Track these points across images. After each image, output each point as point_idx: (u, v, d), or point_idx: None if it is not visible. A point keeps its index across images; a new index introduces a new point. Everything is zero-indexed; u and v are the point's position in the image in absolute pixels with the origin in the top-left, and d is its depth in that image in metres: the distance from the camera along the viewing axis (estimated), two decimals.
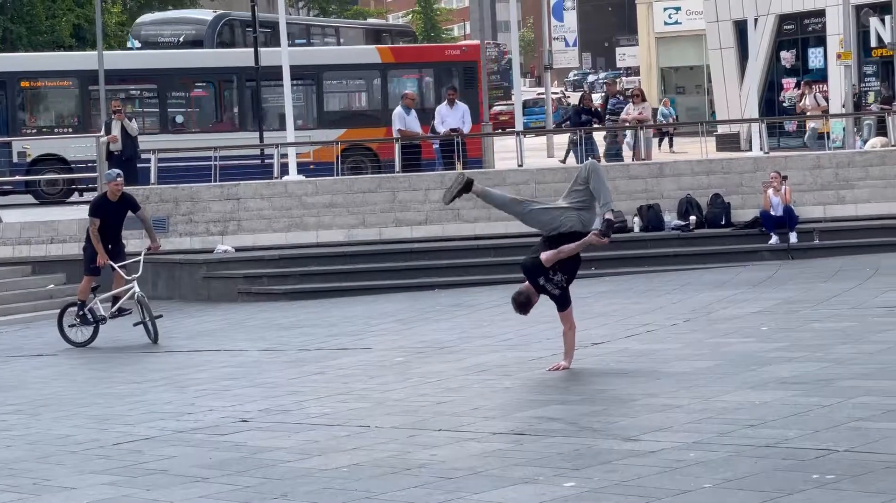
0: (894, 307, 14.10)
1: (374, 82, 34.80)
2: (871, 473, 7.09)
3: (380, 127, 32.78)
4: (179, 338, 17.85)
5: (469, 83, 33.85)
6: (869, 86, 39.72)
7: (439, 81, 34.95)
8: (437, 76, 35.08)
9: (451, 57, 35.31)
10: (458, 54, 35.31)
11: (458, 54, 35.35)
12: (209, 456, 8.97)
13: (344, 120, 34.57)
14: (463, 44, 38.97)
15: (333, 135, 32.03)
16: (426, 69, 35.22)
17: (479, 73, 34.84)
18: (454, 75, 34.40)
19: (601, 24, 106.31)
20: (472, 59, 35.01)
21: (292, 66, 28.24)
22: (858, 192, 24.55)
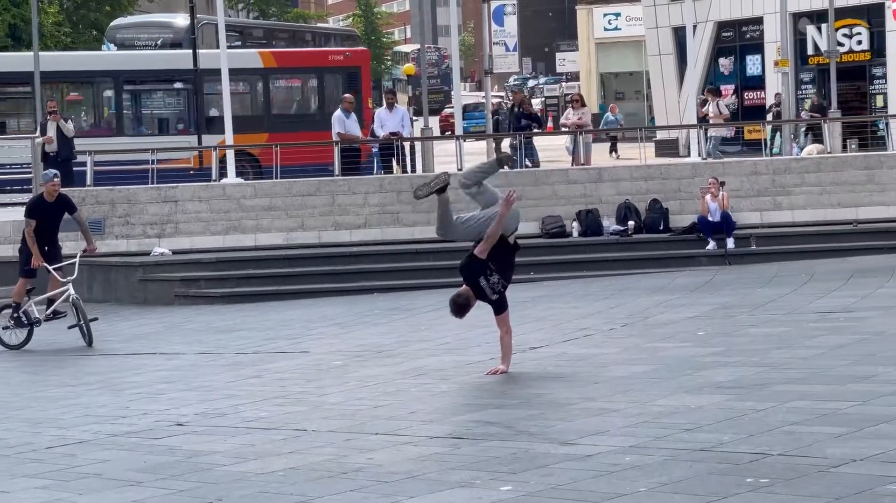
0: (828, 313, 14.23)
1: (257, 87, 34.09)
2: (805, 477, 7.14)
3: (262, 132, 32.15)
4: (115, 341, 17.71)
5: (353, 89, 33.46)
6: (805, 93, 40.10)
7: (323, 86, 34.57)
8: (320, 81, 34.58)
9: (336, 62, 34.70)
10: (343, 59, 34.68)
11: (342, 59, 34.72)
12: (143, 460, 8.90)
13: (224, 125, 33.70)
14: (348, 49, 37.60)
15: (215, 140, 30.61)
16: (309, 74, 34.67)
17: (364, 79, 34.25)
18: (338, 81, 34.02)
19: (541, 29, 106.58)
20: (357, 65, 34.44)
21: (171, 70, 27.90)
22: (795, 199, 24.78)
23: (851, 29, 38.50)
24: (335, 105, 33.67)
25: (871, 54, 38.76)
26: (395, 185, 25.49)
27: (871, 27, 38.58)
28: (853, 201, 24.62)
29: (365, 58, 35.63)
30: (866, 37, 38.58)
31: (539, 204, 24.80)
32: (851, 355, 11.18)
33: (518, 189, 24.63)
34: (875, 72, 38.58)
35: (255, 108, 34.12)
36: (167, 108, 34.03)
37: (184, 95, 33.50)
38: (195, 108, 33.20)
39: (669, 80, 43.83)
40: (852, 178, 24.85)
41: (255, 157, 31.28)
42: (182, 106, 33.50)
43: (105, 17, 55.41)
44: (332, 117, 28.34)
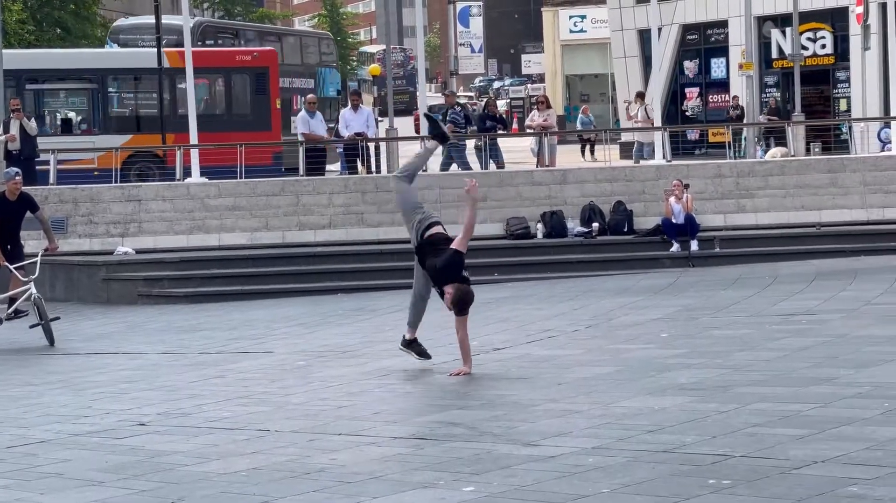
0: (791, 315, 14.30)
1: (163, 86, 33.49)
2: (767, 478, 7.17)
3: (168, 133, 31.75)
4: (77, 341, 17.62)
5: (261, 90, 33.15)
6: (769, 96, 40.30)
7: (231, 87, 34.26)
8: (227, 81, 34.22)
9: (243, 63, 34.28)
10: (250, 60, 34.24)
11: (249, 60, 34.28)
12: (105, 459, 8.85)
13: (130, 125, 33.37)
14: (255, 49, 36.78)
15: (119, 140, 30.67)
16: (216, 74, 34.24)
17: (272, 80, 33.74)
18: (246, 81, 33.70)
19: (507, 30, 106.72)
20: (265, 66, 34.01)
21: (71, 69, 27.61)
22: (758, 202, 24.89)
23: (816, 33, 38.72)
24: (243, 105, 33.53)
25: (834, 58, 39.00)
26: (359, 185, 25.47)
27: (835, 31, 38.81)
28: (816, 204, 24.77)
29: (273, 58, 34.92)
30: (830, 41, 38.82)
31: (503, 205, 24.83)
32: (814, 357, 11.24)
33: (483, 190, 24.77)
34: (839, 75, 38.83)
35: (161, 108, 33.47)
36: (71, 108, 33.74)
37: (88, 95, 33.18)
38: (100, 108, 32.91)
39: (634, 82, 43.96)
40: (815, 181, 24.99)
41: (161, 157, 30.90)
42: (86, 106, 33.15)
43: (69, 15, 55.10)
44: (297, 117, 28.30)
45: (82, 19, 55.49)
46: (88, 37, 55.43)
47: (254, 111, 33.06)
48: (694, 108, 43.08)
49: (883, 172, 25.13)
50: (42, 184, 25.56)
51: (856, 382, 9.89)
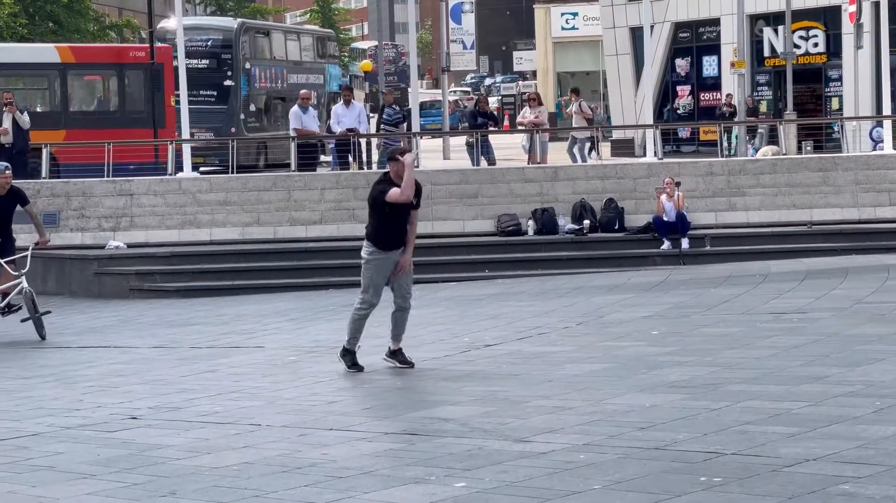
0: (782, 313, 14.32)
1: (54, 82, 32.88)
2: (758, 476, 7.19)
3: (59, 129, 31.16)
4: (69, 334, 17.61)
5: (155, 86, 32.89)
6: (761, 94, 40.34)
7: (124, 83, 33.83)
8: (121, 78, 33.79)
9: (137, 59, 33.79)
10: (145, 56, 33.67)
11: (144, 56, 33.73)
12: (97, 452, 8.85)
13: None
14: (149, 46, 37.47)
15: None
16: (109, 70, 33.76)
17: (167, 76, 33.22)
18: (141, 78, 33.31)
19: (499, 27, 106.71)
20: (160, 62, 33.43)
21: None
22: (749, 200, 24.92)
23: (808, 31, 38.76)
24: (137, 102, 33.21)
25: (826, 57, 39.03)
26: (351, 181, 25.46)
27: (827, 30, 38.85)
28: (808, 203, 24.80)
29: (168, 55, 34.26)
30: (822, 39, 38.86)
31: (495, 202, 24.84)
32: (805, 356, 11.27)
33: (474, 187, 24.78)
34: (831, 74, 38.86)
35: (53, 105, 32.96)
36: None
37: None
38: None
39: (626, 80, 43.99)
40: (807, 179, 25.02)
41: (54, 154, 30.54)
42: None
43: (62, 9, 54.99)
44: (290, 112, 28.27)
45: (75, 13, 55.37)
46: (81, 31, 55.32)
47: (148, 108, 32.62)
48: (685, 107, 43.11)
49: (875, 171, 25.17)
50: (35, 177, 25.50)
51: (847, 381, 9.92)
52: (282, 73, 39.79)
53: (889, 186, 24.97)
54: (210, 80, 35.57)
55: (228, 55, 36.98)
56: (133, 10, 67.46)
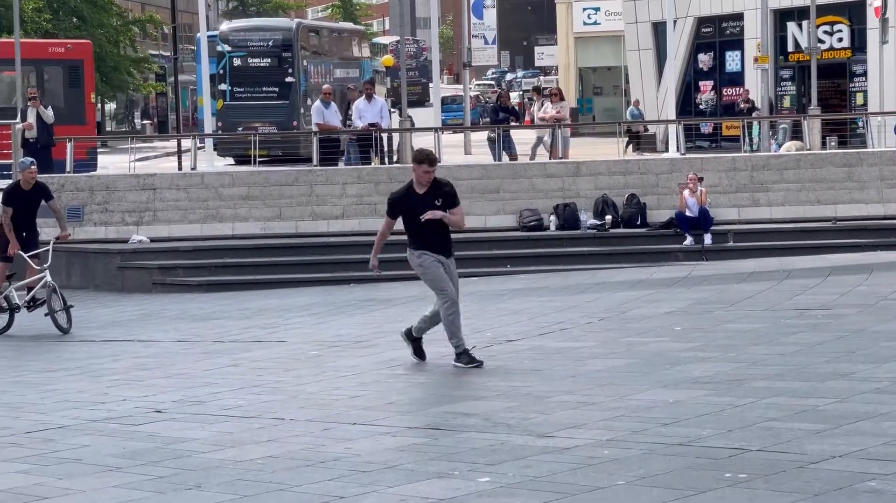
0: (806, 310, 14.28)
1: None
2: (783, 473, 7.17)
3: None
4: (93, 328, 17.66)
5: (74, 82, 32.52)
6: (785, 90, 40.19)
7: (43, 79, 33.69)
8: (39, 73, 33.66)
9: (56, 55, 33.72)
10: (64, 52, 33.65)
11: (63, 52, 33.70)
12: (122, 445, 8.88)
13: None
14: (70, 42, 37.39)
15: None
16: (27, 66, 33.29)
17: (87, 73, 33.21)
18: (60, 73, 33.01)
19: (520, 22, 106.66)
20: (79, 58, 33.45)
21: None
22: (773, 195, 24.82)
23: (833, 26, 38.59)
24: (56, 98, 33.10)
25: (851, 52, 38.86)
26: (373, 176, 25.47)
27: (852, 24, 38.67)
28: (832, 198, 24.69)
29: (87, 51, 34.40)
30: (847, 34, 38.69)
31: (516, 197, 24.81)
32: (829, 352, 11.23)
33: (496, 182, 24.75)
34: (855, 69, 38.69)
35: None
36: None
37: None
38: None
39: (648, 75, 43.88)
40: (831, 175, 24.91)
41: None
42: None
43: (85, 4, 55.13)
44: (312, 107, 28.28)
45: (98, 9, 55.52)
46: (104, 26, 55.48)
47: (68, 104, 32.52)
48: (707, 102, 42.98)
49: None
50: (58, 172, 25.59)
51: (873, 377, 9.88)
52: (329, 68, 41.60)
53: None
54: (272, 77, 37.17)
55: (289, 53, 38.72)
56: (156, 6, 67.56)
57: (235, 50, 40.43)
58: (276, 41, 39.21)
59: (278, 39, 39.76)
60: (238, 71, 38.51)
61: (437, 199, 11.76)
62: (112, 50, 56.04)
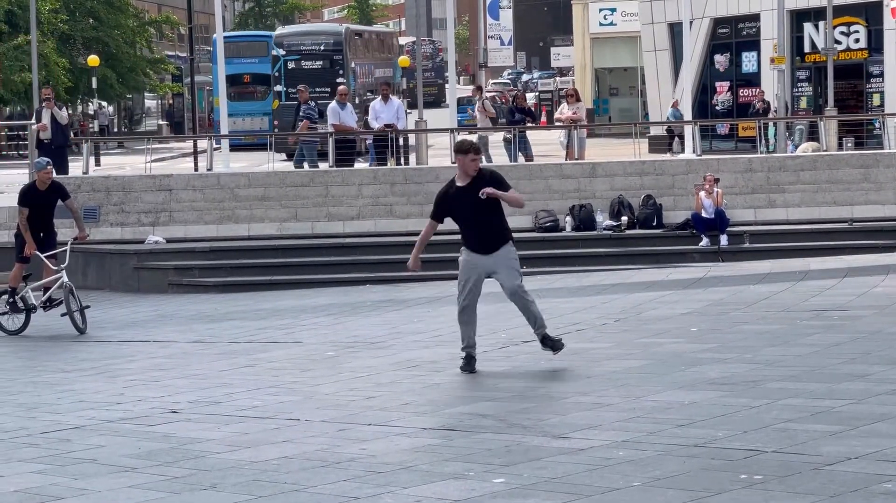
0: (822, 311, 14.25)
1: None
2: (799, 474, 7.15)
3: None
4: (109, 328, 17.71)
5: None
6: (801, 90, 40.10)
7: None
8: None
9: None
10: None
11: None
12: (138, 446, 8.90)
13: None
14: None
15: None
16: None
17: None
18: None
19: (536, 23, 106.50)
20: None
21: None
22: (789, 197, 24.79)
23: (849, 27, 38.49)
24: None
25: (868, 52, 38.76)
26: (388, 176, 25.49)
27: (868, 25, 38.57)
28: (848, 199, 24.64)
29: None
30: (864, 35, 38.58)
31: (532, 198, 24.78)
32: (846, 353, 11.20)
33: (512, 183, 24.70)
34: (872, 70, 38.59)
35: None
36: None
37: None
38: None
39: (664, 76, 43.82)
40: (848, 176, 24.87)
41: None
42: None
43: (102, 5, 55.28)
44: (328, 108, 28.31)
45: (115, 9, 55.71)
46: (121, 26, 55.62)
47: None
48: (724, 103, 42.91)
49: None
50: None
51: (889, 379, 9.86)
52: (371, 68, 44.59)
53: None
54: (324, 78, 40.10)
55: (340, 56, 42.18)
56: (172, 7, 67.69)
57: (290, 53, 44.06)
58: (327, 45, 42.82)
59: (329, 43, 43.52)
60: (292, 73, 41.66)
61: (482, 189, 11.36)
62: (128, 50, 56.24)
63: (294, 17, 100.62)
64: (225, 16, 45.71)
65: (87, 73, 50.87)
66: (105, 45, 54.46)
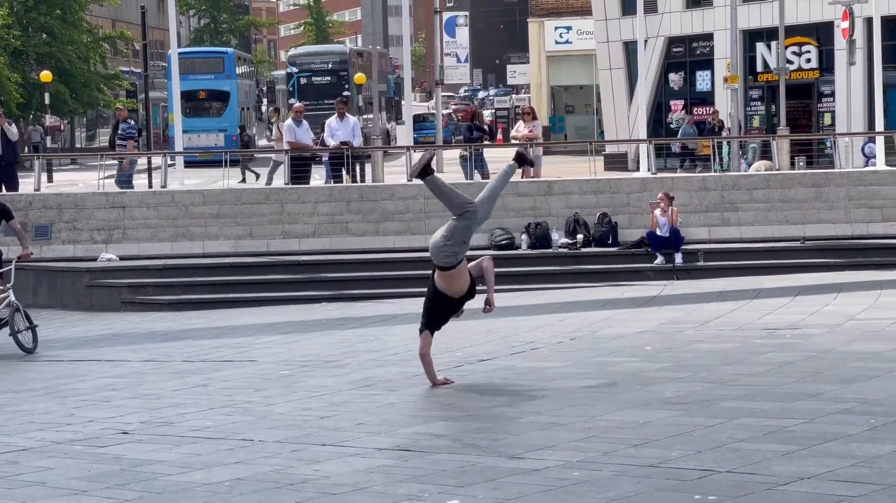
0: (776, 329, 14.30)
1: None
2: (753, 495, 7.15)
3: None
4: (60, 348, 17.53)
5: None
6: (754, 109, 40.37)
7: None
8: None
9: None
10: None
11: None
12: (88, 468, 8.80)
13: None
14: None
15: None
16: None
17: None
18: None
19: (492, 41, 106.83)
20: None
21: None
22: (743, 215, 24.91)
23: (801, 47, 38.82)
24: None
25: (819, 72, 39.09)
26: (344, 194, 25.44)
27: (820, 45, 38.92)
28: (801, 218, 24.79)
29: None
30: (815, 55, 38.94)
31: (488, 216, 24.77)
32: (799, 372, 11.24)
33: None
34: (823, 90, 38.93)
35: None
36: None
37: None
38: None
39: (619, 94, 44.02)
40: (800, 195, 25.02)
41: None
42: None
43: (56, 21, 54.95)
44: (283, 126, 28.25)
45: (68, 25, 55.42)
46: (74, 42, 55.34)
47: None
48: (678, 121, 43.14)
49: (867, 187, 25.18)
50: None
51: (841, 398, 9.89)
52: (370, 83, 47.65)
53: (882, 202, 24.98)
54: (332, 91, 44.27)
55: (345, 72, 47.90)
56: (126, 22, 67.43)
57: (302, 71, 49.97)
58: (333, 63, 49.26)
59: (336, 61, 50.56)
60: (304, 88, 48.70)
61: None
62: (82, 66, 55.93)
63: (250, 32, 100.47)
64: (180, 31, 45.64)
65: (40, 88, 50.58)
66: (58, 61, 54.17)
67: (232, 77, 54.42)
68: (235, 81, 54.84)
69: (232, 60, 55.91)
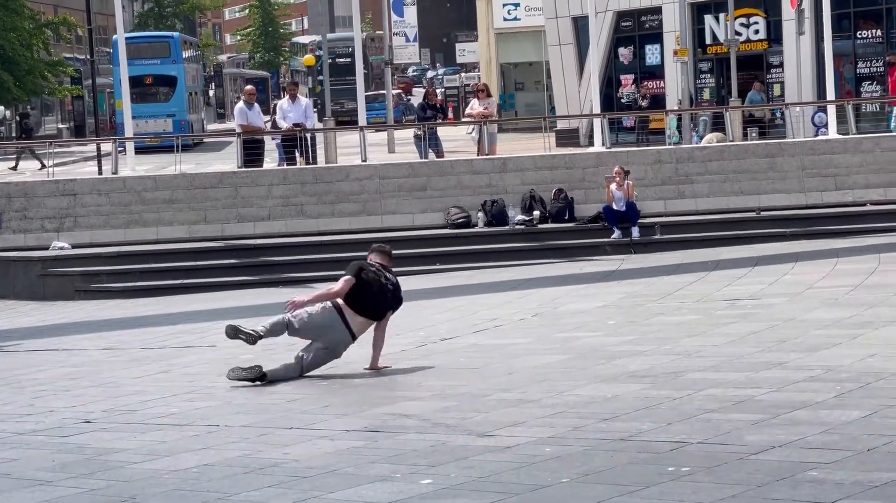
0: (736, 300, 14.33)
1: None
2: (725, 465, 7.14)
3: None
4: (15, 338, 17.34)
5: None
6: (704, 82, 40.44)
7: None
8: None
9: None
10: None
11: None
12: (52, 458, 8.68)
13: None
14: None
15: None
16: None
17: None
18: None
19: (440, 19, 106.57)
20: None
21: None
22: (698, 187, 24.95)
23: (749, 18, 38.86)
24: None
25: (768, 43, 39.18)
26: (298, 176, 25.29)
27: (768, 16, 38.98)
28: (755, 189, 24.85)
29: None
30: (763, 26, 38.97)
31: (444, 194, 24.74)
32: (762, 342, 11.26)
33: (423, 180, 24.64)
34: (772, 60, 38.99)
35: None
36: None
37: None
38: None
39: (569, 69, 43.94)
40: (754, 166, 25.08)
41: None
42: None
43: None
44: (235, 109, 28.04)
45: (10, 11, 54.76)
46: (17, 29, 54.72)
47: None
48: (629, 95, 43.14)
49: (820, 156, 25.26)
50: None
51: (806, 366, 9.91)
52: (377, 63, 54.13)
53: (834, 171, 25.08)
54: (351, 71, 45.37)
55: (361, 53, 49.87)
56: (69, 8, 66.70)
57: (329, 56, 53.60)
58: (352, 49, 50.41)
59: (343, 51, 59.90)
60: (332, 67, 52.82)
61: None
62: (25, 53, 55.28)
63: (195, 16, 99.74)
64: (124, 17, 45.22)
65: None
66: (1, 49, 53.57)
67: (178, 61, 53.96)
68: (182, 66, 54.38)
69: (178, 45, 55.41)
